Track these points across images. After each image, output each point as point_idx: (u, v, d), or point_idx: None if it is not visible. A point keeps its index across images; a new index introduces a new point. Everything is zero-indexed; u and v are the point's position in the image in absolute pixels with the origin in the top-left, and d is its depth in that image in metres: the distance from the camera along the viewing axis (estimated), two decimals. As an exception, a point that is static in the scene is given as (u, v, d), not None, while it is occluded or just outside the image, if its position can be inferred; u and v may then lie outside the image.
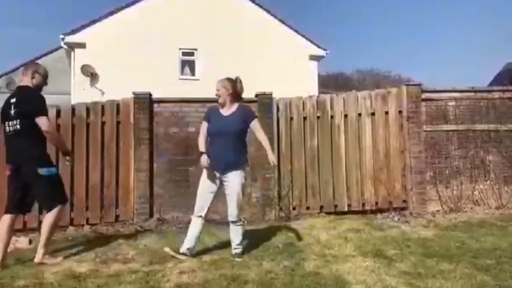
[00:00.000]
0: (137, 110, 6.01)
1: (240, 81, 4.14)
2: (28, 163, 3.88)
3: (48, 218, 3.99)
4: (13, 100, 3.95)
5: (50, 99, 4.22)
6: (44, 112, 3.90)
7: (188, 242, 4.00)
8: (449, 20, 57.39)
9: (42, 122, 3.85)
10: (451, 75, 44.57)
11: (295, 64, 14.32)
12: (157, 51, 13.44)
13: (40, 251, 3.97)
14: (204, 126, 4.10)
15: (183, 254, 3.96)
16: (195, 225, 4.04)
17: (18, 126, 3.87)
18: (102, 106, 6.01)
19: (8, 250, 4.01)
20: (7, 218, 3.95)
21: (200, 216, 4.03)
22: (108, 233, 5.31)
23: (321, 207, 6.04)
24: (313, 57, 15.40)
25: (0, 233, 3.90)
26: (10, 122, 3.91)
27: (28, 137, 3.87)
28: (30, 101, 3.92)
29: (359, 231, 4.89)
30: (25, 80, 4.03)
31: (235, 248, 4.03)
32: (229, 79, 4.10)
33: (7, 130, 3.95)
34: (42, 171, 3.89)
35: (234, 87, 4.06)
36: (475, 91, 6.66)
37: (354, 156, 6.23)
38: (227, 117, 4.02)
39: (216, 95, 4.07)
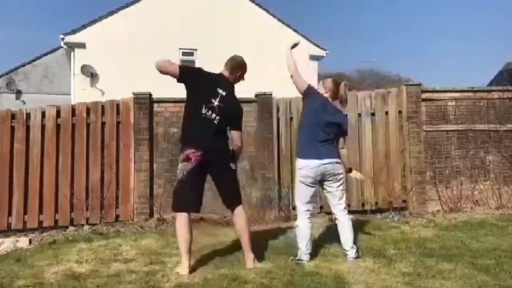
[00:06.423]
0: (137, 110, 6.01)
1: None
2: None
3: None
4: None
5: (50, 99, 4.22)
6: None
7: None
8: (449, 20, 57.40)
9: None
10: (451, 75, 44.53)
11: (295, 64, 14.32)
12: (157, 51, 13.41)
13: None
14: None
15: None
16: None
17: None
18: (102, 106, 6.02)
19: (8, 250, 4.01)
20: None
21: None
22: (108, 233, 5.31)
23: (321, 207, 6.02)
24: (313, 57, 15.37)
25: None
26: None
27: None
28: None
29: (358, 231, 4.89)
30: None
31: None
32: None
33: None
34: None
35: None
36: (475, 91, 6.66)
37: (354, 156, 6.22)
38: None
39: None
